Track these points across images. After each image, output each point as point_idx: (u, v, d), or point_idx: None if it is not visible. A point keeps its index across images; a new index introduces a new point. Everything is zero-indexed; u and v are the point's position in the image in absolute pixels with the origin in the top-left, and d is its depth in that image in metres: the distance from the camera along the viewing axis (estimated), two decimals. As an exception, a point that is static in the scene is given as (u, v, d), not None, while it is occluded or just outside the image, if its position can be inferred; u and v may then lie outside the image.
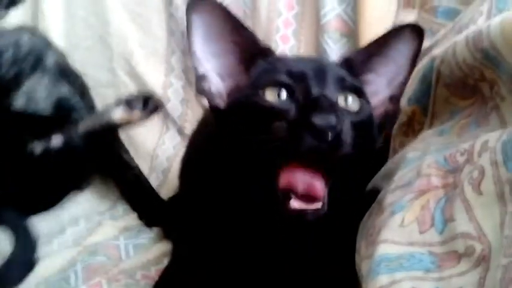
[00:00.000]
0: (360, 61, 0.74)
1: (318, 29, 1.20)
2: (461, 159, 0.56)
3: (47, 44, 1.17)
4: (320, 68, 0.68)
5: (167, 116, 1.31)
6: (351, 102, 0.67)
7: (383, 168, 0.76)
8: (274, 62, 0.72)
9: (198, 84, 0.73)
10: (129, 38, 1.34)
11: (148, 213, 1.13)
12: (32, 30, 1.20)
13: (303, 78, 0.66)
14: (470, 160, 0.55)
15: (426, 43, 0.91)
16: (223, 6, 0.71)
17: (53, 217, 1.14)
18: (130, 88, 1.33)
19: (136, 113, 1.09)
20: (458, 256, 0.49)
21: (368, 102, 0.71)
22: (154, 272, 0.91)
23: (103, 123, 1.09)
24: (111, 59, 1.35)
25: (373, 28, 1.10)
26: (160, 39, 1.34)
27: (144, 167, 1.25)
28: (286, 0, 1.23)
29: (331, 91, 0.65)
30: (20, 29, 1.17)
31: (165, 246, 1.00)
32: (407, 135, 0.79)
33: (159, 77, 1.33)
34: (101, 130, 1.09)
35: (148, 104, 1.10)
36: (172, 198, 1.10)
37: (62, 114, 1.10)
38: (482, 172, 0.52)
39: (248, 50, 0.73)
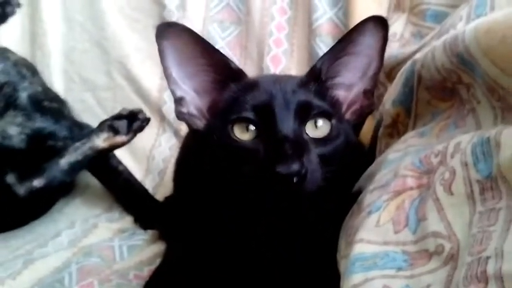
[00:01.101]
0: (329, 64, 0.74)
1: (310, 32, 1.23)
2: (435, 160, 0.58)
3: (21, 75, 1.16)
4: (285, 96, 0.69)
5: (163, 118, 1.33)
6: (320, 124, 0.69)
7: (368, 169, 0.78)
8: (243, 90, 0.73)
9: (177, 107, 0.76)
10: (125, 42, 1.37)
11: (143, 216, 1.14)
12: (4, 53, 1.18)
13: (269, 113, 0.68)
14: (443, 161, 0.57)
15: (414, 46, 0.93)
16: (192, 31, 0.73)
17: (49, 220, 1.16)
18: (126, 91, 1.36)
19: (121, 137, 1.10)
20: (429, 255, 0.51)
21: (339, 117, 0.73)
22: (147, 272, 0.92)
23: (87, 152, 1.09)
24: (107, 63, 1.37)
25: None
26: (155, 43, 1.34)
27: (141, 169, 1.28)
28: (279, 4, 1.26)
29: (295, 124, 0.67)
30: None
31: (159, 248, 1.02)
32: (392, 136, 0.80)
33: (154, 80, 1.35)
34: (85, 160, 1.09)
35: (134, 121, 1.10)
36: (167, 199, 1.12)
37: (38, 145, 1.10)
38: (453, 173, 0.53)
39: (221, 71, 0.75)
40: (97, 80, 1.39)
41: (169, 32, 0.71)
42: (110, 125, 1.09)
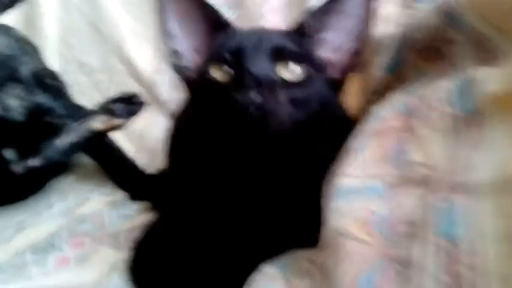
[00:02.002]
0: (315, 22, 0.76)
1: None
2: (416, 102, 0.61)
3: (24, 50, 1.19)
4: (260, 41, 0.71)
5: (157, 99, 1.35)
6: (293, 69, 0.70)
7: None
8: (225, 37, 0.77)
9: (172, 60, 0.79)
10: (121, 25, 1.40)
11: (134, 188, 1.16)
12: (7, 31, 1.22)
13: (240, 53, 0.70)
14: (424, 103, 0.59)
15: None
16: None
17: (41, 195, 1.19)
18: (122, 73, 1.39)
19: (117, 120, 1.14)
20: (408, 182, 0.53)
21: (316, 67, 0.74)
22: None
23: (84, 134, 1.12)
24: (103, 45, 1.41)
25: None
26: (150, 26, 1.38)
27: (132, 147, 1.30)
28: None
29: (265, 64, 0.69)
30: None
31: (148, 217, 1.02)
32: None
33: (150, 62, 1.38)
34: (82, 141, 1.12)
35: (130, 104, 1.15)
36: (160, 173, 1.14)
37: (36, 119, 1.12)
38: (434, 111, 0.56)
39: (212, 24, 0.78)
40: (92, 62, 1.43)
41: None
42: (106, 108, 1.14)
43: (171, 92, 1.35)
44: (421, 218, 0.48)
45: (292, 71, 0.70)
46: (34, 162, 1.07)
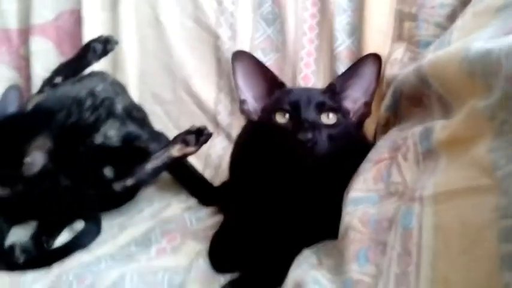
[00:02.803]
0: (341, 83, 1.07)
1: (332, 57, 1.52)
2: (400, 142, 0.93)
3: (116, 92, 1.44)
4: (309, 98, 1.03)
5: (218, 125, 1.64)
6: (331, 117, 1.02)
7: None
8: (284, 93, 1.08)
9: (241, 106, 1.12)
10: (187, 65, 1.66)
11: (205, 196, 1.46)
12: (102, 76, 1.47)
13: (297, 106, 1.02)
14: (404, 142, 0.91)
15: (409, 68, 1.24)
16: (254, 56, 1.11)
17: (132, 203, 1.47)
18: (188, 104, 1.66)
19: (191, 148, 1.35)
20: (391, 195, 0.85)
21: (344, 114, 1.05)
22: (211, 233, 1.20)
23: (165, 160, 1.36)
24: (174, 82, 1.67)
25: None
26: (211, 66, 1.66)
27: (200, 164, 1.59)
28: (308, 36, 1.56)
29: (314, 113, 1.01)
30: (92, 76, 1.47)
31: (219, 218, 1.32)
32: (385, 133, 1.12)
33: (211, 95, 1.65)
34: (163, 165, 1.37)
35: (201, 135, 1.35)
36: (224, 184, 1.44)
37: (128, 144, 1.38)
38: (408, 148, 0.88)
39: (271, 83, 1.10)
40: (165, 96, 1.68)
41: (240, 56, 1.08)
42: (182, 139, 1.35)
43: (228, 119, 1.65)
44: (394, 217, 0.79)
45: (330, 118, 1.02)
46: (130, 182, 1.37)
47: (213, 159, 1.62)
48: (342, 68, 1.50)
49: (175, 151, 1.36)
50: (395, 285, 0.68)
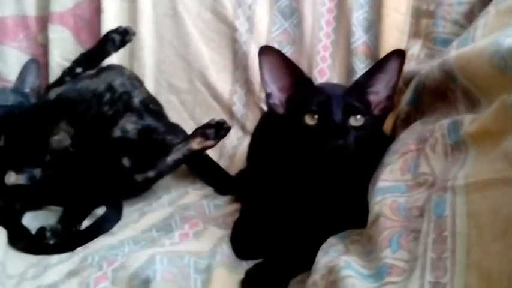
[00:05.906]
0: (366, 79, 1.09)
1: (349, 52, 1.56)
2: (427, 134, 0.95)
3: (134, 85, 1.47)
4: (338, 99, 1.03)
5: (233, 116, 1.68)
6: (358, 118, 1.03)
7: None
8: (312, 92, 1.08)
9: (267, 99, 1.13)
10: (204, 56, 1.68)
11: (221, 185, 1.50)
12: (120, 70, 1.51)
13: (326, 108, 1.03)
14: (432, 134, 0.94)
15: (426, 65, 1.22)
16: (279, 50, 1.12)
17: (151, 191, 1.50)
18: (204, 94, 1.69)
19: (210, 142, 1.40)
20: (419, 185, 0.88)
21: (369, 112, 1.07)
22: (231, 220, 1.26)
23: (185, 152, 1.40)
24: (190, 72, 1.69)
25: (389, 52, 1.46)
26: (227, 57, 1.69)
27: (215, 154, 1.62)
28: (325, 30, 1.60)
29: (343, 116, 1.02)
30: (110, 70, 1.50)
31: (236, 206, 1.35)
32: (406, 126, 1.14)
33: (226, 86, 1.68)
34: (184, 158, 1.42)
35: (220, 129, 1.40)
36: (240, 172, 1.48)
37: (146, 137, 1.42)
38: (436, 140, 0.91)
39: (296, 77, 1.11)
40: (181, 85, 1.71)
41: (266, 50, 1.09)
42: (202, 132, 1.40)
43: (243, 110, 1.69)
44: (425, 206, 0.82)
45: (357, 120, 1.04)
46: (151, 174, 1.41)
47: (228, 150, 1.65)
48: (358, 63, 1.55)
49: (195, 144, 1.40)
50: (431, 270, 0.71)
